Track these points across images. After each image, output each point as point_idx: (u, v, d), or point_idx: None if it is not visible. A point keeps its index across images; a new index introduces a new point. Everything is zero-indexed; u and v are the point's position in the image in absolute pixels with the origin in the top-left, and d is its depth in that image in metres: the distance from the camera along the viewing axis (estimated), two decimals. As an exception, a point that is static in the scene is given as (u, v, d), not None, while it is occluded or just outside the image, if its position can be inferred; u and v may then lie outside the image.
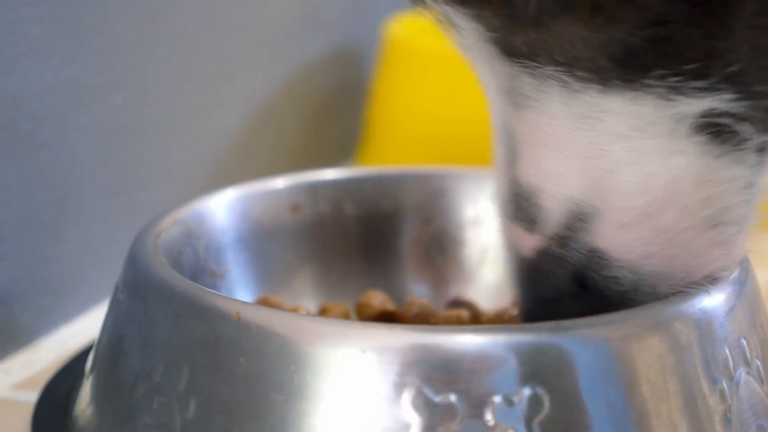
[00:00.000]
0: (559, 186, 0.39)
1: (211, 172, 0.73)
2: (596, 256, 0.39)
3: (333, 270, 0.56)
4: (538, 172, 0.39)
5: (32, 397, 0.49)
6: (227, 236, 0.53)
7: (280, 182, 0.56)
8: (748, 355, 0.41)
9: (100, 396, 0.44)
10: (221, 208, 0.53)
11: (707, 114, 0.36)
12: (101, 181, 0.62)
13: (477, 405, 0.36)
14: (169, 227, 0.49)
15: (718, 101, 0.36)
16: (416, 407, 0.36)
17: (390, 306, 0.52)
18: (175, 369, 0.40)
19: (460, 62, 0.81)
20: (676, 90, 0.36)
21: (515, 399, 0.36)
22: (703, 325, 0.40)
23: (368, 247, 0.57)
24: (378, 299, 0.52)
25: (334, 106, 0.91)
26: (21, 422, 0.48)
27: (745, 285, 0.43)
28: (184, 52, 0.69)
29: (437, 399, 0.36)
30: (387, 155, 0.82)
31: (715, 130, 0.36)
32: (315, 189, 0.56)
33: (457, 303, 0.55)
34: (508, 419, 0.36)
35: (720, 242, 0.39)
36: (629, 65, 0.36)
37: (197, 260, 0.51)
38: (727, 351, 0.40)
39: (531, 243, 0.40)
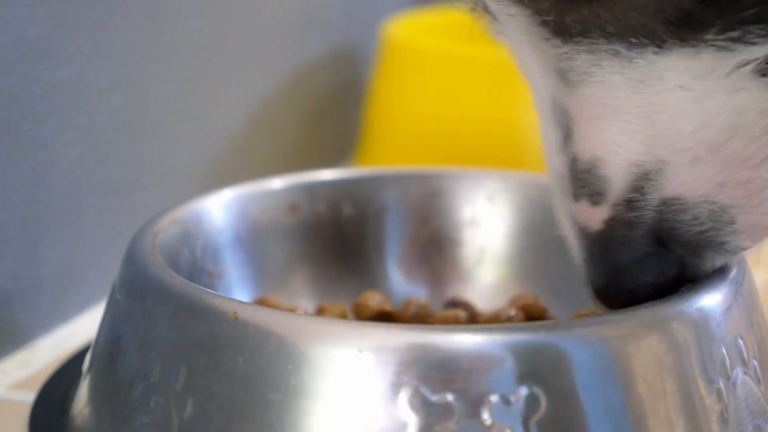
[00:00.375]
0: (621, 153, 0.39)
1: (209, 172, 0.73)
2: (670, 205, 0.39)
3: (330, 270, 0.56)
4: (598, 144, 0.40)
5: (29, 397, 0.49)
6: (225, 236, 0.53)
7: (277, 183, 0.56)
8: (745, 354, 0.41)
9: (97, 396, 0.44)
10: (219, 209, 0.53)
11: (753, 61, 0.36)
12: (100, 181, 0.62)
13: (474, 404, 0.36)
14: (166, 227, 0.49)
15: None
16: (413, 406, 0.36)
17: (387, 306, 0.52)
18: (172, 368, 0.40)
19: (458, 62, 0.81)
20: (736, 40, 0.36)
21: (512, 398, 0.36)
22: (700, 324, 0.40)
23: (365, 248, 0.57)
24: (375, 299, 0.52)
25: (332, 106, 0.91)
26: (18, 422, 0.48)
27: (742, 285, 0.43)
28: (182, 52, 0.69)
29: (434, 398, 0.36)
30: (385, 155, 0.82)
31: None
32: (312, 189, 0.56)
33: (455, 303, 0.55)
34: (505, 418, 0.36)
35: None
36: (686, 25, 0.36)
37: (194, 260, 0.51)
38: (724, 351, 0.40)
39: (600, 215, 0.41)
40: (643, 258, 0.40)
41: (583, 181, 0.40)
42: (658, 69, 0.37)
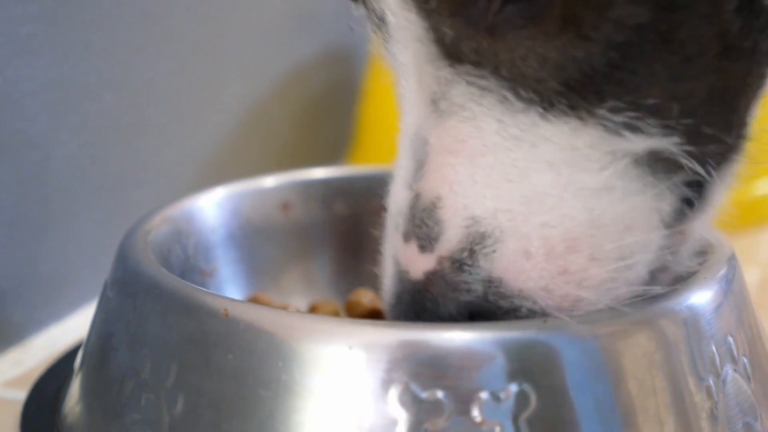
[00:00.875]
0: (462, 197, 0.37)
1: (202, 172, 0.73)
2: (495, 286, 0.37)
3: (323, 268, 0.56)
4: (445, 183, 0.37)
5: (21, 395, 0.49)
6: (217, 234, 0.53)
7: (270, 181, 0.56)
8: (735, 352, 0.41)
9: (88, 393, 0.44)
10: (211, 207, 0.53)
11: (651, 152, 0.35)
12: (93, 180, 0.62)
13: (464, 401, 0.36)
14: (158, 225, 0.49)
15: (666, 142, 0.35)
16: (403, 403, 0.36)
17: (379, 304, 0.52)
18: (163, 366, 0.40)
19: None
20: (627, 125, 0.34)
21: (502, 395, 0.36)
22: (690, 322, 0.40)
23: (358, 246, 0.57)
24: (367, 297, 0.52)
25: (326, 105, 0.91)
26: (10, 420, 0.48)
27: (732, 283, 0.43)
28: (175, 52, 0.69)
29: (424, 395, 0.36)
30: (378, 155, 0.82)
31: (651, 164, 0.36)
32: (305, 188, 0.56)
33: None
34: (495, 415, 0.36)
35: (629, 281, 0.38)
36: (583, 91, 0.34)
37: (187, 258, 0.51)
38: (714, 348, 0.40)
39: (424, 264, 0.38)
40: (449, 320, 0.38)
41: (419, 221, 0.38)
42: (538, 134, 0.35)
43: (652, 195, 0.36)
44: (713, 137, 0.35)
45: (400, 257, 0.39)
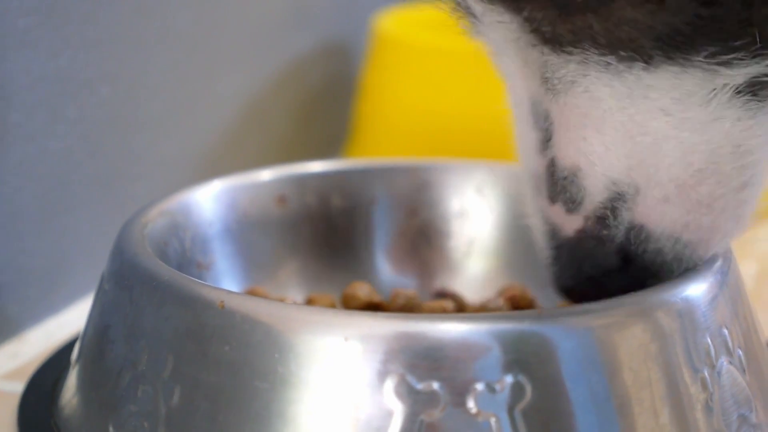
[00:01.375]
0: (600, 166, 0.40)
1: (199, 166, 0.73)
2: (638, 232, 0.40)
3: (319, 261, 0.56)
4: (578, 153, 0.40)
5: (18, 387, 0.49)
6: (214, 228, 0.53)
7: (266, 174, 0.56)
8: (730, 344, 0.41)
9: (85, 385, 0.44)
10: (208, 200, 0.53)
11: (750, 80, 0.37)
12: (89, 173, 0.62)
13: (459, 392, 0.36)
14: (155, 218, 0.49)
15: (761, 67, 0.37)
16: (399, 395, 0.36)
17: (376, 297, 0.52)
18: (160, 357, 0.40)
19: (449, 56, 0.81)
20: (721, 63, 0.37)
21: (497, 386, 0.36)
22: (685, 314, 0.40)
23: (354, 239, 0.57)
24: (364, 290, 0.52)
25: (323, 100, 0.91)
26: (7, 413, 0.48)
27: (727, 275, 0.43)
28: (172, 45, 0.69)
29: (420, 386, 0.36)
30: (376, 149, 0.82)
31: (753, 89, 0.37)
32: (302, 181, 0.56)
33: (443, 294, 0.55)
34: (491, 406, 0.36)
35: (747, 201, 0.41)
36: (675, 44, 0.36)
37: (184, 251, 0.51)
38: (709, 340, 0.40)
39: (572, 224, 0.41)
40: (609, 273, 0.41)
41: (561, 187, 0.41)
42: (644, 86, 0.38)
43: (760, 117, 0.38)
44: None
45: (549, 216, 0.42)
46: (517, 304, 0.53)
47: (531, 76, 0.40)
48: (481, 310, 0.53)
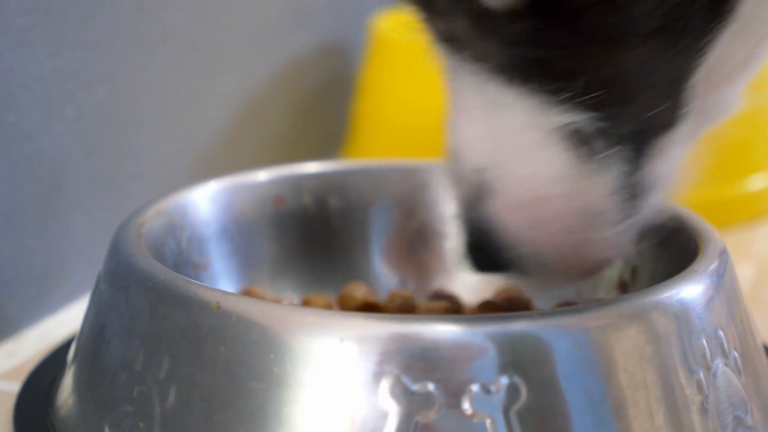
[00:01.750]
0: (471, 155, 0.41)
1: (197, 166, 0.73)
2: (492, 225, 0.41)
3: (316, 262, 0.56)
4: (458, 138, 0.42)
5: (15, 387, 0.49)
6: (210, 228, 0.53)
7: (263, 175, 0.56)
8: (726, 346, 0.41)
9: (81, 385, 0.44)
10: (204, 200, 0.53)
11: (572, 126, 0.38)
12: (86, 173, 0.62)
13: (455, 394, 0.36)
14: (152, 218, 0.49)
15: (580, 117, 0.38)
16: (394, 396, 0.36)
17: (372, 298, 0.52)
18: (155, 358, 0.40)
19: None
20: (546, 102, 0.38)
21: (493, 388, 0.36)
22: (680, 316, 0.40)
23: (351, 240, 0.57)
24: (360, 291, 0.52)
25: (321, 100, 0.91)
26: (3, 412, 0.48)
27: (723, 277, 0.43)
28: (170, 45, 0.69)
29: (415, 387, 0.36)
30: (374, 149, 0.82)
31: (580, 140, 0.39)
32: (298, 182, 0.56)
33: (440, 295, 0.55)
34: (486, 408, 0.36)
35: (594, 241, 0.41)
36: (515, 72, 0.39)
37: (180, 252, 0.51)
38: (705, 342, 0.40)
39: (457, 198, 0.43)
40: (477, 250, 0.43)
41: (452, 166, 0.43)
42: (505, 101, 0.39)
43: (593, 167, 0.39)
44: (636, 113, 0.38)
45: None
46: (514, 305, 0.53)
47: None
48: (478, 312, 0.53)
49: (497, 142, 0.40)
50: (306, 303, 0.53)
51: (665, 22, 0.36)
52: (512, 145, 0.40)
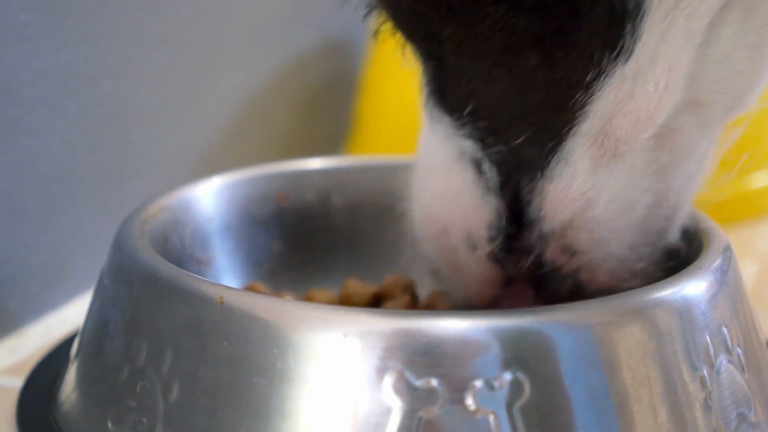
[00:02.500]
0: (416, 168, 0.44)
1: (200, 162, 0.73)
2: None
3: (319, 259, 0.56)
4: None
5: (18, 382, 0.49)
6: (213, 224, 0.53)
7: (266, 171, 0.56)
8: (729, 343, 0.41)
9: (84, 380, 0.44)
10: (208, 196, 0.53)
11: (469, 153, 0.40)
12: (89, 169, 0.62)
13: (458, 389, 0.36)
14: (155, 214, 0.49)
15: (474, 144, 0.40)
16: (398, 391, 0.36)
17: (374, 293, 0.52)
18: (159, 353, 0.40)
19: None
20: (451, 127, 0.41)
21: (496, 384, 0.36)
22: (684, 312, 0.40)
23: (355, 237, 0.57)
24: (363, 288, 0.52)
25: (325, 97, 0.91)
26: (6, 408, 0.48)
27: (727, 274, 0.43)
28: (174, 41, 0.69)
29: (418, 383, 0.36)
30: (377, 146, 0.82)
31: (475, 167, 0.40)
32: (302, 178, 0.56)
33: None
34: (489, 403, 0.36)
35: (471, 268, 0.43)
36: (430, 94, 0.41)
37: (183, 247, 0.51)
38: (708, 338, 0.40)
39: None
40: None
41: None
42: (432, 116, 0.42)
43: (483, 190, 0.41)
44: (518, 144, 0.39)
45: None
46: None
47: None
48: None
49: (420, 159, 0.42)
50: (308, 298, 0.53)
51: (544, 54, 0.36)
52: (425, 163, 0.42)
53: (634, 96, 0.36)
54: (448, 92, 0.40)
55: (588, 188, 0.39)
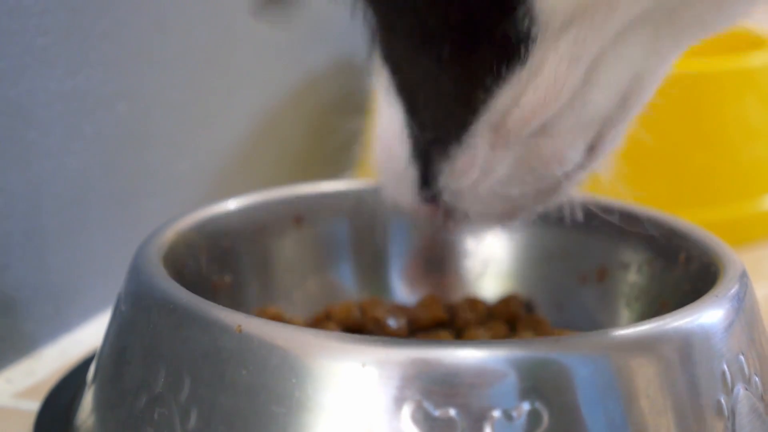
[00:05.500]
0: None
1: (214, 183, 0.73)
2: None
3: (335, 281, 0.56)
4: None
5: (34, 406, 0.49)
6: (230, 248, 0.53)
7: (282, 193, 0.56)
8: (747, 371, 0.41)
9: (102, 406, 0.44)
10: (223, 219, 0.53)
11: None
12: (105, 190, 0.62)
13: (476, 419, 0.36)
14: (171, 238, 0.49)
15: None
16: (416, 421, 0.36)
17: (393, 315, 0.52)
18: (177, 380, 0.40)
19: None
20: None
21: (514, 414, 0.36)
22: (701, 341, 0.40)
23: (369, 259, 0.57)
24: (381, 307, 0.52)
25: (337, 117, 0.91)
26: (23, 431, 0.48)
27: (743, 301, 0.43)
28: (188, 62, 0.69)
29: (437, 413, 0.36)
30: (389, 166, 0.82)
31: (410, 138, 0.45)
32: (318, 200, 0.56)
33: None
34: (508, 433, 0.36)
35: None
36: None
37: (199, 271, 0.51)
38: (726, 367, 0.40)
39: None
40: None
41: None
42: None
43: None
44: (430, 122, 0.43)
45: None
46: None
47: None
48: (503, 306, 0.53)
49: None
50: (327, 314, 0.53)
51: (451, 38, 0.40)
52: (383, 128, 0.47)
53: (524, 98, 0.41)
54: (388, 65, 0.45)
55: (486, 162, 0.43)
